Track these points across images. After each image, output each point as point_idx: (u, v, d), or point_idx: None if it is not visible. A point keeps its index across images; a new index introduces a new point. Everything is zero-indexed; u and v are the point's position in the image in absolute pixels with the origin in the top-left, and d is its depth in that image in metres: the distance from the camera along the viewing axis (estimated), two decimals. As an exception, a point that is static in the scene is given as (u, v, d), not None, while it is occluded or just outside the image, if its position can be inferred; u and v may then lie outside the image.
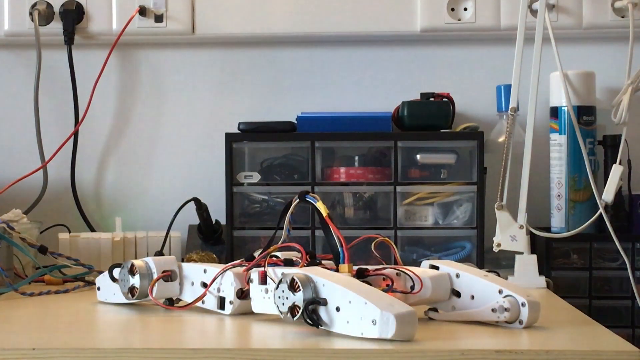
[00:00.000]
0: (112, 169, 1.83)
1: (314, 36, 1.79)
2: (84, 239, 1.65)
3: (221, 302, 1.22)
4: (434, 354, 1.01)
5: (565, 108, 1.60)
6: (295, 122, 1.64)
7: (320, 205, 1.21)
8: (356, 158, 1.64)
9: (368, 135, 1.63)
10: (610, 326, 1.15)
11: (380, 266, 1.20)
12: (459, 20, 1.76)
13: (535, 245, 1.58)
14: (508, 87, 1.58)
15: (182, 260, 1.59)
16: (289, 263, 1.19)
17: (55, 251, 1.52)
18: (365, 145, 1.64)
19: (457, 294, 1.18)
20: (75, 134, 1.79)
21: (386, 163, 1.62)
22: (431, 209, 1.62)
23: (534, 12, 1.62)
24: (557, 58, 1.57)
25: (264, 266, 1.16)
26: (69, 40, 1.77)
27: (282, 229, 1.27)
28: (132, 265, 1.27)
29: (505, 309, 1.12)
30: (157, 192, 1.82)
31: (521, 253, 1.50)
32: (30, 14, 1.77)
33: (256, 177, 1.62)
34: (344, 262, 1.17)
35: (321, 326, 1.07)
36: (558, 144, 1.62)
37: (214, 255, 1.58)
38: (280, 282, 1.10)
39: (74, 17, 1.77)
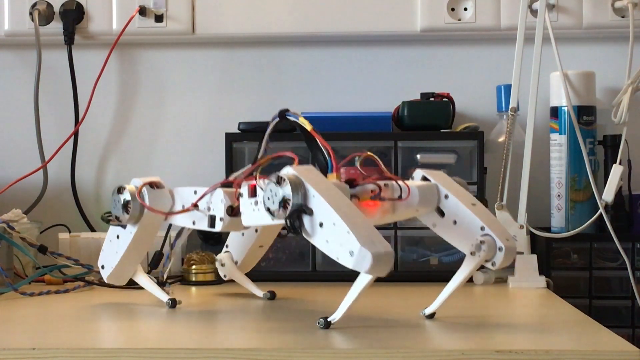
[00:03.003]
0: (112, 169, 1.83)
1: (314, 36, 1.79)
2: (84, 239, 1.65)
3: (212, 221, 1.22)
4: (433, 354, 1.01)
5: (565, 108, 1.60)
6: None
7: (303, 121, 1.22)
8: (356, 158, 1.63)
9: (368, 135, 1.62)
10: (610, 326, 1.15)
11: (369, 175, 1.20)
12: (459, 20, 1.76)
13: (535, 245, 1.58)
14: (508, 87, 1.59)
15: (182, 260, 1.59)
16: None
17: (55, 251, 1.52)
18: (365, 145, 1.64)
19: (442, 214, 1.19)
20: (75, 134, 1.79)
21: (386, 163, 1.62)
22: (431, 209, 1.62)
23: (534, 12, 1.62)
24: (557, 58, 1.57)
25: (256, 179, 1.16)
26: (69, 40, 1.77)
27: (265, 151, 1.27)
28: (119, 187, 1.28)
29: (482, 249, 1.15)
30: (157, 192, 1.81)
31: (521, 253, 1.50)
32: (30, 14, 1.77)
33: (256, 177, 1.62)
34: (332, 172, 1.17)
35: (302, 234, 1.08)
36: (558, 144, 1.62)
37: (214, 255, 1.58)
38: (268, 182, 1.11)
39: (74, 17, 1.77)
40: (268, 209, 1.11)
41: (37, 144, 1.78)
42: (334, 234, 1.06)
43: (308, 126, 1.21)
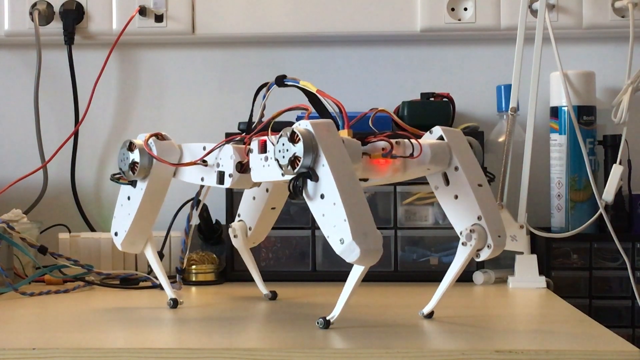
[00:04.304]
0: (112, 169, 1.82)
1: (314, 36, 1.79)
2: (84, 239, 1.65)
3: (220, 177, 1.21)
4: (433, 354, 1.01)
5: (565, 108, 1.60)
6: (296, 121, 1.64)
7: (305, 84, 1.20)
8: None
9: (368, 135, 1.62)
10: (610, 326, 1.15)
11: (380, 133, 1.19)
12: (459, 20, 1.76)
13: (535, 245, 1.58)
14: (508, 87, 1.59)
15: (182, 261, 1.59)
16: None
17: (55, 251, 1.52)
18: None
19: (447, 182, 1.19)
20: (75, 134, 1.79)
21: (386, 163, 1.62)
22: (431, 209, 1.62)
23: (534, 12, 1.62)
24: (557, 58, 1.57)
25: (268, 135, 1.14)
26: (69, 40, 1.77)
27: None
28: (128, 142, 1.27)
29: (474, 238, 1.15)
30: (157, 192, 1.81)
31: (521, 253, 1.50)
32: (30, 14, 1.77)
33: (256, 176, 1.62)
34: (344, 128, 1.16)
35: (301, 196, 1.08)
36: (558, 144, 1.62)
37: (214, 255, 1.58)
38: (280, 136, 1.10)
39: (74, 17, 1.77)
40: (277, 161, 1.10)
41: (37, 144, 1.78)
42: (332, 213, 1.05)
43: (313, 88, 1.19)
